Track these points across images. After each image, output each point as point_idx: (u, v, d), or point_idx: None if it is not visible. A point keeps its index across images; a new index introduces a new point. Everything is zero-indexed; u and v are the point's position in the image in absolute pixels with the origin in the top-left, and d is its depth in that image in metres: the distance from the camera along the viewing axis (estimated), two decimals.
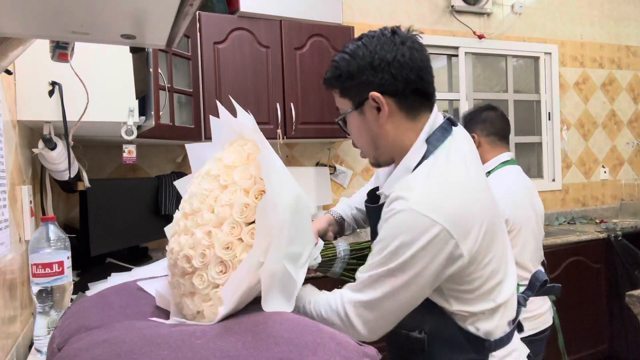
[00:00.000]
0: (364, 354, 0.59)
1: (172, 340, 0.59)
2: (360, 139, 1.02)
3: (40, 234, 1.14)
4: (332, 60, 1.00)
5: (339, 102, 1.02)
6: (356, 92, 0.97)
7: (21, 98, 1.34)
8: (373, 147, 1.01)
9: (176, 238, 0.80)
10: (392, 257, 0.87)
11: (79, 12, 0.55)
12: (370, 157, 1.04)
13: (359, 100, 0.97)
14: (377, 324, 0.92)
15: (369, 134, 0.99)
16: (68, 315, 0.81)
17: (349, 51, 0.97)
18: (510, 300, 0.99)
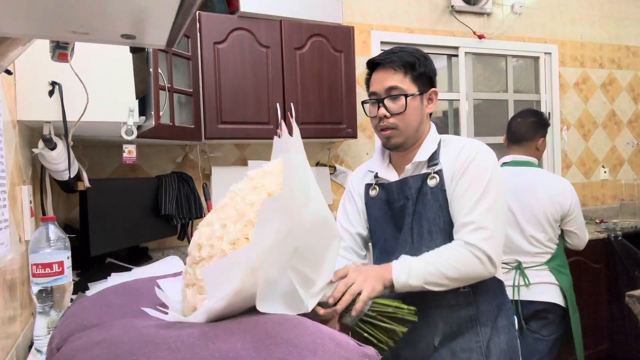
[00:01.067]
0: (363, 355, 0.59)
1: (172, 341, 0.59)
2: (413, 118, 1.26)
3: (40, 234, 1.14)
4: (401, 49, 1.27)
5: (403, 83, 1.25)
6: (423, 83, 1.28)
7: (21, 98, 1.34)
8: (416, 128, 1.28)
9: (200, 229, 0.81)
10: (490, 182, 1.19)
11: (79, 12, 0.55)
12: (402, 136, 1.27)
13: (424, 89, 1.28)
14: (501, 250, 1.19)
15: (420, 117, 1.28)
16: (67, 315, 0.81)
17: (422, 53, 1.30)
18: None
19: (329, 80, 2.60)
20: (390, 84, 1.25)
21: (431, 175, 1.25)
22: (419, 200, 1.26)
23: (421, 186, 1.26)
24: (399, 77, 1.25)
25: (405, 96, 1.24)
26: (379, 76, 1.28)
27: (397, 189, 1.31)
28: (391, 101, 1.25)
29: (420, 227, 1.26)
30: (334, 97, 2.61)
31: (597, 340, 3.01)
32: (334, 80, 2.61)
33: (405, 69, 1.25)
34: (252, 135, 2.42)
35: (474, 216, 1.16)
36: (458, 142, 1.29)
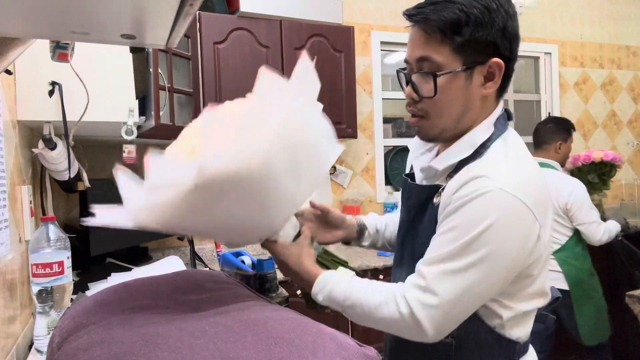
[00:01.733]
0: (363, 355, 0.59)
1: (172, 341, 0.59)
2: (451, 104, 0.88)
3: (40, 234, 1.14)
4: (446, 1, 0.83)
5: (440, 53, 0.85)
6: (476, 51, 0.85)
7: (21, 98, 1.34)
8: (457, 118, 0.89)
9: None
10: (474, 243, 0.79)
11: (79, 12, 0.55)
12: (435, 127, 0.91)
13: (475, 61, 0.85)
14: (449, 324, 0.84)
15: (465, 102, 0.88)
16: (67, 315, 0.81)
17: (484, 2, 0.83)
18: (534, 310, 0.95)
19: (329, 80, 2.60)
20: (421, 53, 0.87)
21: (439, 191, 0.90)
22: (418, 216, 0.95)
23: (425, 201, 0.93)
24: (433, 43, 0.85)
25: (434, 75, 0.85)
26: (412, 38, 0.89)
27: (404, 190, 1.04)
28: (421, 78, 0.88)
29: (412, 248, 0.96)
30: (334, 97, 2.61)
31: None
32: (334, 80, 2.61)
33: (443, 32, 0.83)
34: None
35: (426, 271, 0.83)
36: (486, 163, 0.85)
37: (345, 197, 3.02)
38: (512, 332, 0.91)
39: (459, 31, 0.83)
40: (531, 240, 0.82)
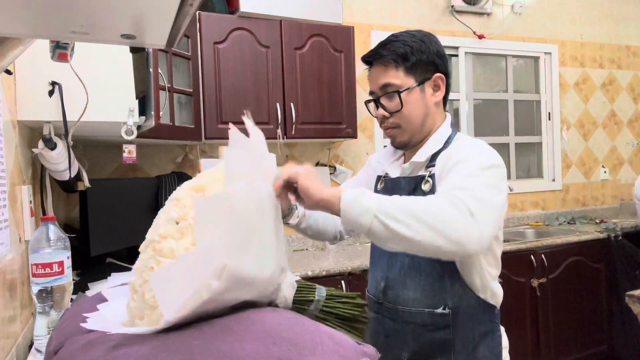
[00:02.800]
0: (362, 353, 0.59)
1: (170, 342, 0.59)
2: (414, 113, 1.14)
3: (40, 234, 1.14)
4: (392, 41, 1.13)
5: (396, 77, 1.12)
6: (423, 71, 1.14)
7: (21, 98, 1.34)
8: (421, 123, 1.15)
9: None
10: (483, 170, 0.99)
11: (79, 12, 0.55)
12: (406, 134, 1.15)
13: (423, 78, 1.14)
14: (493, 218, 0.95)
15: (424, 109, 1.15)
16: (65, 318, 0.81)
17: (419, 37, 1.15)
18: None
19: (329, 80, 2.60)
20: (383, 81, 1.13)
21: (426, 178, 1.10)
22: None
23: (414, 190, 1.12)
24: (391, 72, 1.12)
25: (398, 93, 1.11)
26: (373, 74, 1.17)
27: (391, 188, 1.19)
28: (387, 99, 1.14)
29: None
30: (334, 97, 2.61)
31: (597, 340, 3.01)
32: (334, 80, 2.61)
33: (396, 62, 1.12)
34: None
35: (455, 182, 0.96)
36: (463, 141, 1.12)
37: None
38: (489, 298, 1.13)
39: (407, 58, 1.12)
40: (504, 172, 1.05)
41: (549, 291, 2.81)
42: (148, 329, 0.64)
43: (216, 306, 0.66)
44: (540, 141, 3.78)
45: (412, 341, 1.12)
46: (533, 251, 2.76)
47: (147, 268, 0.68)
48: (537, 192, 3.68)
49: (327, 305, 0.89)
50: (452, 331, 1.09)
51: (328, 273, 2.20)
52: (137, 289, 0.69)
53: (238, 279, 0.64)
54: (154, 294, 0.65)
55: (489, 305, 1.13)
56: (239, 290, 0.66)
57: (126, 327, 0.71)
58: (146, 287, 0.67)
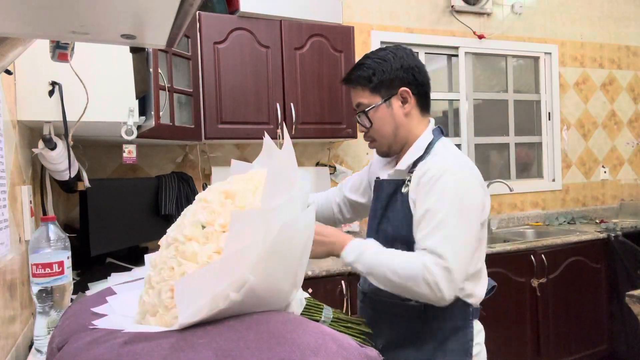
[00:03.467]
0: (365, 356, 0.59)
1: (174, 340, 0.59)
2: (384, 127, 1.24)
3: (40, 234, 1.14)
4: (359, 65, 1.25)
5: (364, 97, 1.25)
6: (387, 87, 1.23)
7: (21, 98, 1.34)
8: (393, 135, 1.25)
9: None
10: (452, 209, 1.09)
11: (79, 12, 0.55)
12: (383, 146, 1.27)
13: (389, 94, 1.23)
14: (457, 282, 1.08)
15: (393, 123, 1.24)
16: (68, 315, 0.81)
17: (380, 56, 1.24)
18: (484, 270, 1.24)
19: (329, 80, 2.60)
20: (356, 100, 1.27)
21: (406, 182, 1.21)
22: (389, 206, 1.24)
23: (394, 192, 1.24)
24: (359, 92, 1.26)
25: (364, 112, 1.24)
26: (351, 93, 1.31)
27: (377, 188, 1.32)
28: (360, 117, 1.27)
29: (385, 233, 1.24)
30: (334, 97, 2.61)
31: (597, 340, 3.01)
32: (334, 80, 2.61)
33: (361, 84, 1.24)
34: (252, 135, 2.42)
35: (429, 243, 1.08)
36: (438, 155, 1.20)
37: None
38: (465, 296, 1.18)
39: (370, 80, 1.23)
40: (480, 197, 1.16)
41: (549, 291, 2.81)
42: (157, 328, 0.64)
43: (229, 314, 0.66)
44: (540, 141, 3.78)
45: (387, 330, 1.23)
46: (533, 251, 2.76)
47: (168, 267, 0.68)
48: (537, 192, 3.68)
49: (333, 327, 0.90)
50: (423, 323, 1.19)
51: (328, 273, 2.20)
52: (154, 285, 0.69)
53: (255, 294, 0.65)
54: (170, 295, 0.66)
55: (464, 303, 1.19)
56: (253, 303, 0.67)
57: (136, 321, 0.72)
58: (164, 285, 0.67)
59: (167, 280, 0.67)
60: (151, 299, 0.69)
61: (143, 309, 0.71)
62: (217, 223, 0.70)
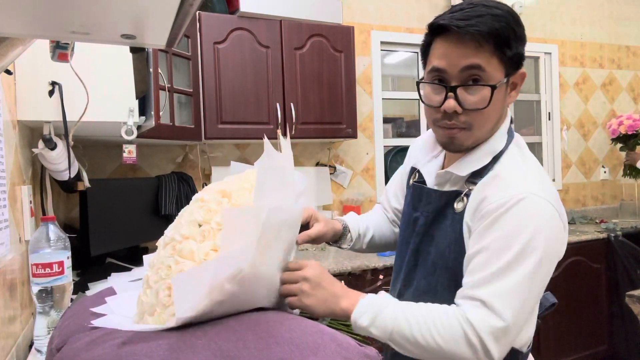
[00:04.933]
0: (364, 355, 0.59)
1: (173, 341, 0.59)
2: (494, 114, 0.90)
3: (40, 234, 1.14)
4: (490, 14, 0.84)
5: (489, 64, 0.86)
6: (515, 63, 0.89)
7: (21, 98, 1.34)
8: (493, 126, 0.92)
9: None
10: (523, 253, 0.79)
11: (79, 12, 0.55)
12: (470, 138, 0.91)
13: (511, 72, 0.89)
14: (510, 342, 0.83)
15: (501, 111, 0.92)
16: (67, 316, 0.81)
17: (514, 15, 0.87)
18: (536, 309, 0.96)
19: (329, 80, 2.60)
20: (471, 61, 0.85)
21: (461, 197, 0.91)
22: (435, 222, 0.95)
23: (444, 206, 0.94)
24: (484, 54, 0.85)
25: (492, 87, 0.86)
26: (453, 48, 0.86)
27: (418, 195, 1.01)
28: (470, 89, 0.87)
29: (426, 254, 0.97)
30: (334, 97, 2.61)
31: (597, 341, 3.01)
32: (334, 80, 2.61)
33: (496, 45, 0.84)
34: (252, 135, 2.42)
35: (483, 293, 0.80)
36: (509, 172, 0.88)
37: (345, 196, 3.02)
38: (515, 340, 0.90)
39: (509, 45, 0.85)
40: (561, 241, 0.88)
41: (549, 291, 2.80)
42: (155, 327, 0.65)
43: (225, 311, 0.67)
44: (540, 141, 3.77)
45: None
46: None
47: (165, 266, 0.69)
48: None
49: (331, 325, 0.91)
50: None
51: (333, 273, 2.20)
52: (152, 285, 0.70)
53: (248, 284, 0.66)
54: (168, 293, 0.66)
55: (513, 350, 0.91)
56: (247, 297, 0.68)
57: (135, 321, 0.72)
58: (161, 284, 0.68)
59: (164, 279, 0.68)
60: (149, 298, 0.70)
61: (141, 309, 0.71)
62: (213, 221, 0.71)
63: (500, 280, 0.80)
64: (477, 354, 0.79)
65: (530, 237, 0.80)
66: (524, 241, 0.80)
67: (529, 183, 0.84)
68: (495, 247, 0.81)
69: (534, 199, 0.82)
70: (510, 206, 0.81)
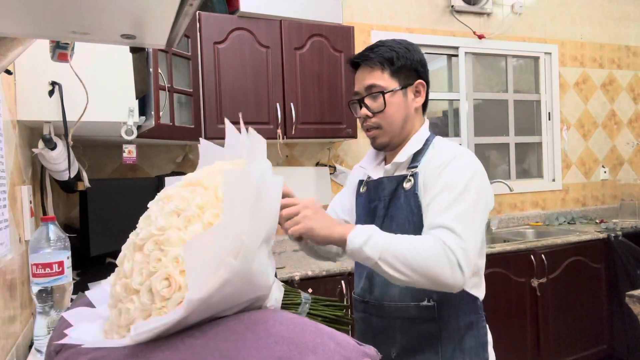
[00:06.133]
0: (363, 354, 0.59)
1: (172, 342, 0.59)
2: (396, 114, 1.19)
3: (40, 234, 1.14)
4: (379, 45, 1.20)
5: (381, 79, 1.18)
6: (406, 75, 1.20)
7: (21, 98, 1.34)
8: (401, 124, 1.20)
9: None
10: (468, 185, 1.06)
11: (79, 12, 0.55)
12: (387, 135, 1.20)
13: (406, 83, 1.20)
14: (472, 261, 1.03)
15: (405, 112, 1.20)
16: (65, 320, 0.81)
17: (400, 43, 1.21)
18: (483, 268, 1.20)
19: (329, 80, 2.60)
20: (369, 82, 1.19)
21: (407, 177, 1.16)
22: (392, 203, 1.18)
23: (396, 188, 1.18)
24: (376, 73, 1.19)
25: (382, 93, 1.17)
26: (359, 75, 1.23)
27: (373, 188, 1.25)
28: (371, 100, 1.19)
29: (389, 231, 1.11)
30: (334, 97, 2.61)
31: (597, 340, 3.01)
32: (334, 80, 2.61)
33: (382, 65, 1.18)
34: None
35: (445, 219, 1.02)
36: (442, 146, 1.18)
37: None
38: (473, 290, 1.15)
39: (392, 62, 1.18)
40: (488, 188, 1.13)
41: (549, 291, 2.81)
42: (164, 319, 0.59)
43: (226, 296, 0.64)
44: (540, 141, 3.78)
45: (400, 336, 1.16)
46: (533, 251, 2.76)
47: (153, 260, 0.64)
48: (537, 192, 3.68)
49: (313, 308, 0.91)
50: (438, 323, 1.13)
51: (328, 273, 2.20)
52: (138, 288, 0.65)
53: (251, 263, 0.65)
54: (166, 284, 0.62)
55: (473, 297, 1.15)
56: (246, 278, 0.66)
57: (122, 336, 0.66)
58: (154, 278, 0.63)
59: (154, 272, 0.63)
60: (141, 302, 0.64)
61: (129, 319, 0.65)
62: (193, 205, 0.68)
63: (455, 207, 1.04)
64: (453, 268, 0.98)
65: (470, 176, 1.08)
66: (466, 179, 1.07)
67: (457, 149, 1.15)
68: (445, 188, 1.07)
69: (467, 155, 1.13)
70: (449, 161, 1.10)
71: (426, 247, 0.99)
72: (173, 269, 0.62)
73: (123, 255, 0.72)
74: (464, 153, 1.13)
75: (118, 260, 0.72)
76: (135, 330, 0.59)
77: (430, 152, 1.18)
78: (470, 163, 1.11)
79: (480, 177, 1.10)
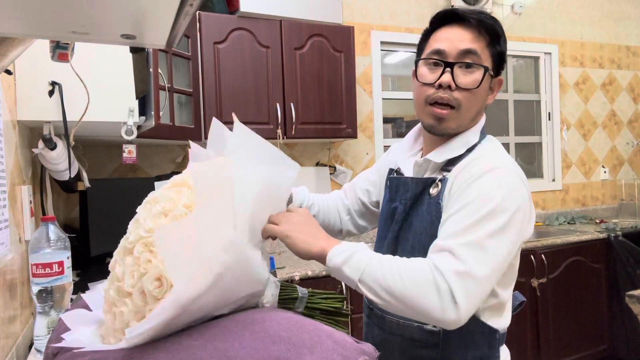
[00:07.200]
0: (361, 352, 0.59)
1: (169, 343, 0.59)
2: (479, 100, 1.00)
3: (40, 234, 1.14)
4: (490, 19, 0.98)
5: (484, 53, 0.98)
6: (498, 63, 1.03)
7: (21, 98, 1.34)
8: (475, 114, 1.01)
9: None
10: (492, 213, 0.84)
11: (79, 12, 0.55)
12: (457, 119, 0.98)
13: (497, 72, 1.04)
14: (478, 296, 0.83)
15: (483, 103, 1.02)
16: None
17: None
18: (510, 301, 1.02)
19: (329, 80, 2.60)
20: (470, 46, 0.96)
21: (436, 182, 0.97)
22: (413, 209, 1.00)
23: (421, 192, 0.99)
24: (481, 43, 0.97)
25: (485, 69, 0.97)
26: (454, 33, 0.97)
27: (396, 187, 1.06)
28: (464, 70, 0.97)
29: (405, 241, 1.01)
30: (334, 97, 2.61)
31: (597, 340, 3.01)
32: (334, 80, 2.61)
33: (491, 37, 0.97)
34: None
35: (450, 243, 0.83)
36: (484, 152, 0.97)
37: None
38: (492, 321, 0.96)
39: (498, 41, 0.99)
40: (528, 207, 0.91)
41: (549, 291, 2.81)
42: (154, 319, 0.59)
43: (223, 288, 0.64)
44: (540, 141, 3.78)
45: (398, 354, 1.02)
46: (533, 251, 2.76)
47: (144, 261, 0.64)
48: (537, 192, 3.68)
49: (311, 302, 0.89)
50: (441, 352, 0.96)
51: (328, 273, 2.20)
52: (130, 290, 0.64)
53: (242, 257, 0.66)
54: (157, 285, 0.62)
55: (490, 329, 0.96)
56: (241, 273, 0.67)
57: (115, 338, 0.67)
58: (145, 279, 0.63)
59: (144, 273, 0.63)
60: (134, 304, 0.64)
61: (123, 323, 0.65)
62: (180, 205, 0.68)
63: (468, 234, 0.84)
64: (442, 299, 0.79)
65: (501, 200, 0.86)
66: (497, 199, 0.86)
67: (501, 159, 0.94)
68: (467, 208, 0.86)
69: (505, 170, 0.91)
70: (482, 174, 0.89)
71: (413, 270, 0.82)
72: (163, 268, 0.62)
73: (114, 260, 0.72)
74: (505, 165, 0.91)
75: (110, 266, 0.72)
76: (130, 333, 0.59)
77: (469, 157, 0.97)
78: (508, 180, 0.89)
79: (516, 200, 0.87)
